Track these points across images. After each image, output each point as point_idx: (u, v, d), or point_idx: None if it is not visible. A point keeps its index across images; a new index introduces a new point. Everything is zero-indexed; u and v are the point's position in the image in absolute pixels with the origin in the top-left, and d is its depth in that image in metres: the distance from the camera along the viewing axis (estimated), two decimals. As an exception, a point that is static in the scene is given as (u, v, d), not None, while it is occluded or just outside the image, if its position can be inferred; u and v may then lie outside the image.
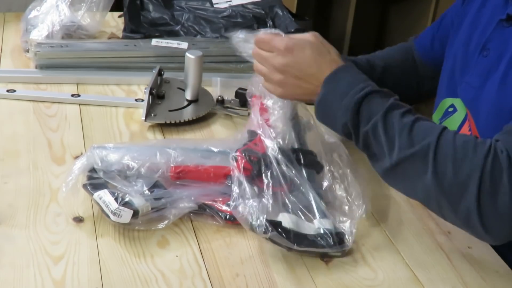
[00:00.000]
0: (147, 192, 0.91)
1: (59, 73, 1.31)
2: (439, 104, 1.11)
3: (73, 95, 1.24)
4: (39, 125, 1.14)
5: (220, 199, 0.93)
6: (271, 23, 1.47)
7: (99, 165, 0.93)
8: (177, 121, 1.17)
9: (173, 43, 1.40)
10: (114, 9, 1.51)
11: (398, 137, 0.84)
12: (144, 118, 1.15)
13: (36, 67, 1.33)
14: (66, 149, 1.08)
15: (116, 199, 0.87)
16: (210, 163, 0.97)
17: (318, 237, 0.87)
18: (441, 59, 1.16)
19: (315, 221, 0.89)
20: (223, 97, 1.23)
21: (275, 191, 0.90)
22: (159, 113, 1.18)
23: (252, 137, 0.98)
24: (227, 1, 1.54)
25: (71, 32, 1.43)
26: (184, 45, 1.39)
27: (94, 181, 0.92)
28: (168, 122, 1.16)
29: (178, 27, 1.48)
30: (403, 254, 0.90)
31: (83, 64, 1.34)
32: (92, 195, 0.90)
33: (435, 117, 1.12)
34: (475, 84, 1.00)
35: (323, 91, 0.91)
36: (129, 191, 0.90)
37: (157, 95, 1.22)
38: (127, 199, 0.87)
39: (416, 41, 1.25)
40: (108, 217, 0.87)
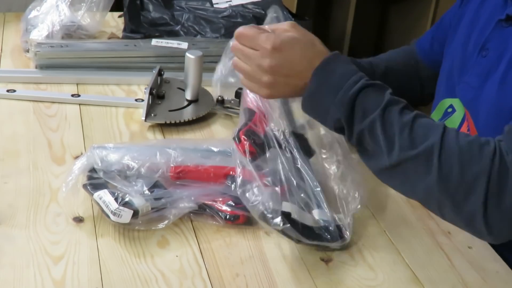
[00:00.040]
0: (147, 192, 0.91)
1: (59, 73, 1.31)
2: (438, 105, 1.11)
3: (73, 95, 1.24)
4: (39, 125, 1.14)
5: (220, 199, 0.93)
6: (271, 23, 1.47)
7: (99, 165, 0.93)
8: (177, 121, 1.17)
9: (173, 43, 1.40)
10: (114, 9, 1.51)
11: (398, 137, 0.82)
12: (144, 118, 1.15)
13: (36, 67, 1.33)
14: (66, 149, 1.08)
15: (116, 199, 0.87)
16: (210, 163, 0.97)
17: (322, 230, 0.86)
18: (441, 60, 1.16)
19: (314, 212, 0.88)
20: (223, 97, 1.23)
21: (280, 177, 0.88)
22: (159, 113, 1.18)
23: (250, 116, 0.94)
24: (227, 1, 1.54)
25: (71, 32, 1.43)
26: (184, 45, 1.39)
27: (94, 181, 0.92)
28: (168, 122, 1.16)
29: (178, 27, 1.48)
30: (403, 254, 0.90)
31: (83, 64, 1.34)
32: (92, 195, 0.90)
33: (434, 118, 1.11)
34: (474, 84, 1.00)
35: (313, 83, 0.86)
36: (129, 191, 0.90)
37: (157, 95, 1.22)
38: (127, 199, 0.87)
39: (417, 43, 1.25)
40: (108, 217, 0.87)
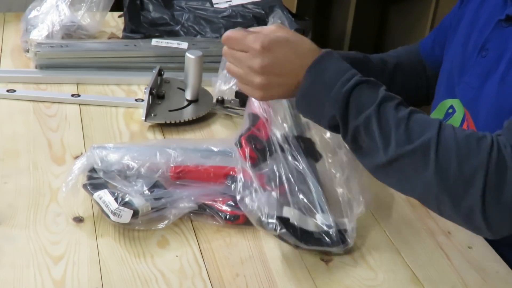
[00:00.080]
0: (147, 192, 0.91)
1: (59, 73, 1.31)
2: (438, 106, 1.11)
3: (73, 95, 1.24)
4: (39, 125, 1.14)
5: (220, 199, 0.93)
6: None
7: (99, 165, 0.93)
8: (177, 121, 1.17)
9: (173, 43, 1.40)
10: (114, 9, 1.51)
11: (395, 132, 0.80)
12: (144, 118, 1.15)
13: (36, 67, 1.33)
14: (66, 149, 1.08)
15: (116, 199, 0.87)
16: (210, 163, 0.97)
17: (322, 234, 0.85)
18: (441, 62, 1.16)
19: (317, 216, 0.87)
20: (223, 97, 1.23)
21: (281, 181, 0.88)
22: (159, 113, 1.18)
23: (254, 121, 0.94)
24: (227, 1, 1.54)
25: (71, 32, 1.43)
26: (184, 45, 1.39)
27: (94, 181, 0.92)
28: (168, 122, 1.16)
29: (178, 27, 1.48)
30: (403, 254, 0.90)
31: (83, 64, 1.34)
32: (92, 195, 0.90)
33: None
34: (474, 84, 1.00)
35: (306, 81, 0.85)
36: (129, 191, 0.90)
37: (157, 95, 1.22)
38: (127, 199, 0.87)
39: (420, 44, 1.25)
40: (108, 217, 0.87)
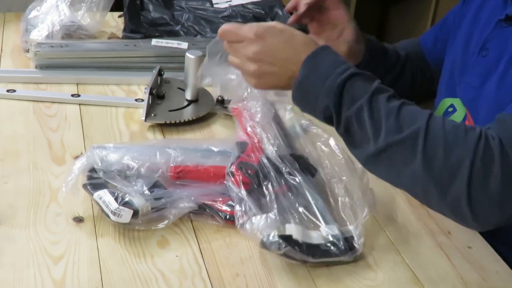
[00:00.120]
0: (147, 192, 0.91)
1: (59, 73, 1.31)
2: (439, 104, 1.11)
3: (73, 95, 1.24)
4: (39, 125, 1.14)
5: (220, 199, 0.93)
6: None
7: (99, 165, 0.93)
8: (177, 121, 1.17)
9: (173, 43, 1.40)
10: (114, 9, 1.51)
11: (385, 122, 0.81)
12: (144, 118, 1.15)
13: (36, 67, 1.33)
14: (66, 149, 1.08)
15: (116, 199, 0.87)
16: (210, 163, 0.97)
17: (329, 245, 0.85)
18: (443, 59, 1.16)
19: (322, 228, 0.87)
20: (223, 97, 1.23)
21: (278, 201, 0.88)
22: (159, 113, 1.18)
23: (242, 149, 0.95)
24: (227, 1, 1.54)
25: (71, 32, 1.43)
26: (184, 45, 1.38)
27: (94, 181, 0.92)
28: (168, 122, 1.16)
29: (178, 27, 1.48)
30: (403, 254, 0.90)
31: (83, 64, 1.34)
32: (92, 195, 0.90)
33: None
34: (474, 84, 1.00)
35: (303, 72, 0.86)
36: (129, 191, 0.90)
37: (157, 95, 1.22)
38: (127, 199, 0.87)
39: (421, 40, 1.24)
40: (108, 217, 0.87)
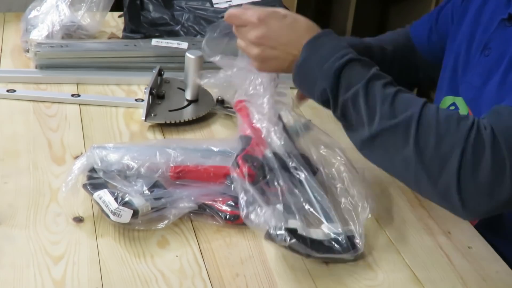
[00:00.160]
0: (147, 192, 0.91)
1: (59, 73, 1.31)
2: (440, 102, 1.10)
3: (73, 95, 1.24)
4: (39, 125, 1.14)
5: (220, 199, 0.93)
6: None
7: (99, 165, 0.93)
8: (177, 121, 1.17)
9: (173, 43, 1.40)
10: (114, 9, 1.51)
11: (380, 107, 0.82)
12: (144, 118, 1.15)
13: (36, 67, 1.32)
14: (66, 149, 1.08)
15: (116, 199, 0.87)
16: (210, 163, 0.97)
17: (332, 242, 0.85)
18: (439, 52, 1.16)
19: (324, 226, 0.87)
20: (223, 97, 1.23)
21: (283, 195, 0.88)
22: (159, 113, 1.18)
23: (247, 142, 0.96)
24: (227, 1, 1.54)
25: (71, 32, 1.43)
26: (184, 45, 1.38)
27: (94, 181, 0.92)
28: (168, 122, 1.16)
29: (178, 27, 1.48)
30: (403, 254, 0.90)
31: (83, 64, 1.34)
32: (92, 195, 0.90)
33: None
34: (476, 83, 1.00)
35: (303, 55, 0.87)
36: (129, 191, 0.90)
37: (157, 95, 1.22)
38: (127, 199, 0.87)
39: (412, 29, 1.23)
40: (108, 217, 0.87)
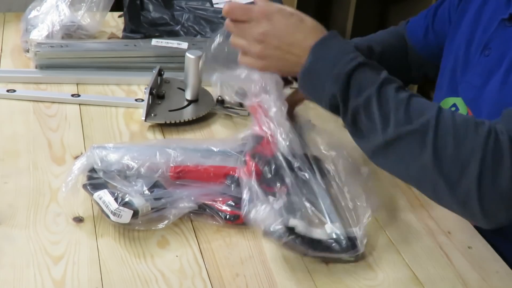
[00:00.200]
0: (147, 192, 0.91)
1: (59, 73, 1.31)
2: (441, 103, 1.10)
3: (73, 95, 1.24)
4: (39, 125, 1.14)
5: (220, 199, 0.93)
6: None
7: (99, 165, 0.93)
8: (177, 121, 1.17)
9: (173, 43, 1.40)
10: (114, 9, 1.51)
11: (394, 113, 0.80)
12: (144, 118, 1.15)
13: (36, 67, 1.33)
14: (66, 149, 1.08)
15: (116, 199, 0.87)
16: (210, 163, 0.97)
17: (332, 241, 0.85)
18: (436, 51, 1.15)
19: (326, 226, 0.87)
20: (223, 97, 1.23)
21: (287, 195, 0.89)
22: (159, 113, 1.18)
23: (258, 140, 0.95)
24: (227, 1, 1.54)
25: (71, 32, 1.43)
26: (184, 45, 1.38)
27: (94, 181, 0.92)
28: (168, 122, 1.16)
29: (178, 27, 1.48)
30: (403, 254, 0.90)
31: (83, 64, 1.34)
32: (92, 195, 0.90)
33: None
34: (476, 83, 1.00)
35: (310, 59, 0.85)
36: (129, 191, 0.89)
37: (157, 95, 1.22)
38: (127, 199, 0.87)
39: (408, 27, 1.22)
40: (108, 217, 0.87)
